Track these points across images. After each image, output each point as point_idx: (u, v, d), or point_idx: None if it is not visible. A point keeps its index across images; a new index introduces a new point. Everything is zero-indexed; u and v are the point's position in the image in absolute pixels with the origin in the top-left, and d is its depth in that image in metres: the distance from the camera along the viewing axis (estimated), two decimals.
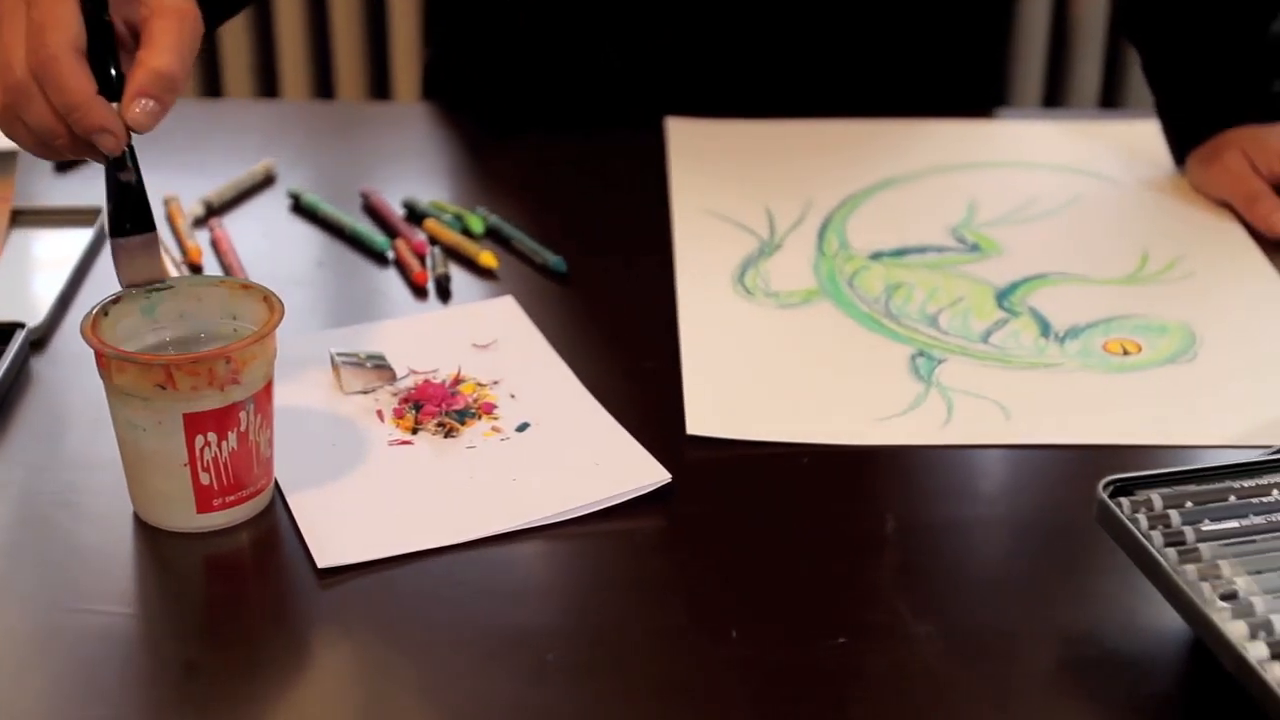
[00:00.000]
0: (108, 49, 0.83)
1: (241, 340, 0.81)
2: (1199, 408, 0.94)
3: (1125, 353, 0.99)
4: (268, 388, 0.83)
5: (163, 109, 0.83)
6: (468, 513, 0.85)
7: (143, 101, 0.82)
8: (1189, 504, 0.78)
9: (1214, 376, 0.97)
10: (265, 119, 1.34)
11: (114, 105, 0.82)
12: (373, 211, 1.17)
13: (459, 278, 1.09)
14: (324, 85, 2.13)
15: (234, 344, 0.81)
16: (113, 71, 0.83)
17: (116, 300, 0.84)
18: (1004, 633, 0.78)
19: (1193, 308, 1.05)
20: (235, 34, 2.07)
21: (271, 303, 0.84)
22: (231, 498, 0.83)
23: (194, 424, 0.81)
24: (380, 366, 0.96)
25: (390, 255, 1.11)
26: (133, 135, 0.83)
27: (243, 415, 0.82)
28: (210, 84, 2.13)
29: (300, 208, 1.18)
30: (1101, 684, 0.75)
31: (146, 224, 0.85)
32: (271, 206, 1.19)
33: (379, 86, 2.13)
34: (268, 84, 2.12)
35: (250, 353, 0.81)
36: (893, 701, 0.74)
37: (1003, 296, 1.05)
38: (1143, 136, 1.28)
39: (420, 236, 1.13)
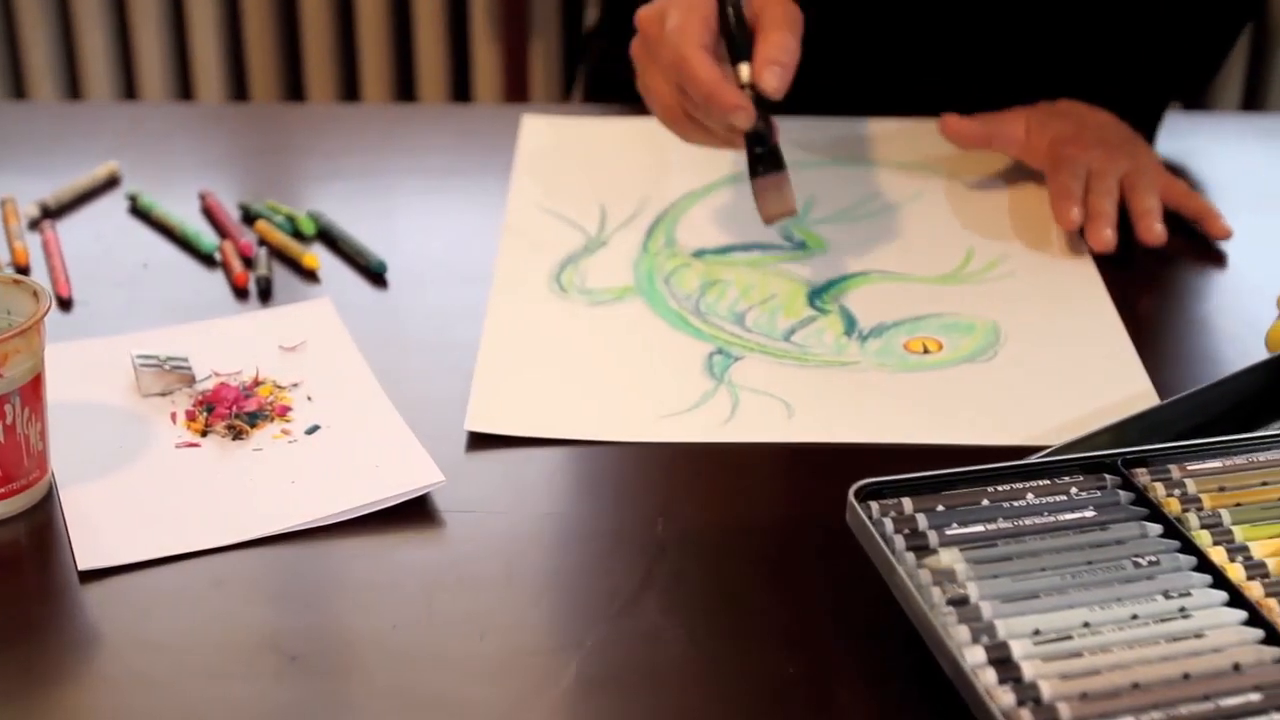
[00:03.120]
0: (744, 44, 0.98)
1: (2, 333, 0.82)
2: (987, 407, 0.94)
3: (925, 351, 0.99)
4: (36, 381, 0.84)
5: (786, 74, 0.96)
6: (239, 516, 0.85)
7: (772, 68, 0.95)
8: (940, 507, 0.78)
9: (1009, 377, 0.97)
10: (120, 121, 1.34)
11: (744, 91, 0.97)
12: (209, 213, 1.17)
13: (283, 280, 1.09)
14: (239, 88, 2.13)
15: None
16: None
17: None
18: (748, 636, 0.78)
19: (1005, 307, 1.04)
20: (148, 34, 2.07)
21: (40, 297, 0.85)
22: (2, 490, 0.84)
23: None
24: (179, 369, 0.96)
25: (218, 257, 1.11)
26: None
27: (8, 409, 0.82)
28: (128, 85, 2.13)
29: (137, 210, 1.18)
30: (838, 689, 0.75)
31: (778, 165, 0.99)
32: (111, 209, 1.19)
33: (294, 89, 2.13)
34: (182, 86, 2.12)
35: (12, 346, 0.81)
36: (624, 702, 0.74)
37: (815, 295, 1.05)
38: None
39: (250, 238, 1.13)
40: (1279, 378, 0.93)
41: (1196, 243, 1.14)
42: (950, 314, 1.03)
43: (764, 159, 1.01)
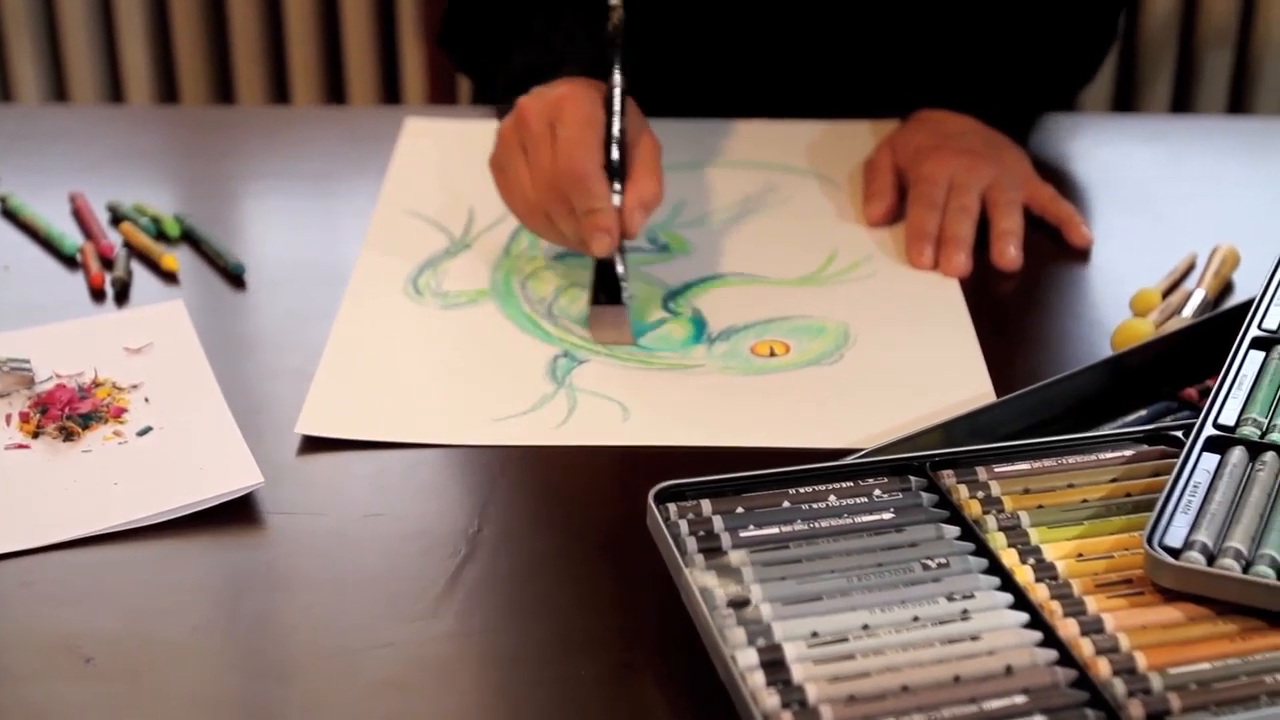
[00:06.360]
0: (620, 169, 1.01)
1: None
2: (826, 410, 0.93)
3: (772, 354, 0.99)
4: None
5: (646, 220, 1.00)
6: (57, 517, 0.85)
7: (640, 212, 0.99)
8: (739, 509, 0.77)
9: (852, 379, 0.96)
10: (7, 122, 1.35)
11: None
12: (78, 215, 1.17)
13: (144, 281, 1.09)
14: (169, 91, 2.12)
15: None
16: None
17: None
18: (548, 637, 0.77)
19: (858, 309, 1.04)
20: (77, 37, 2.07)
21: None
22: None
23: None
24: (19, 370, 0.96)
25: (80, 258, 1.11)
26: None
27: None
28: (58, 88, 2.13)
29: (7, 211, 1.18)
30: (634, 691, 0.74)
31: (616, 298, 0.99)
32: None
33: (223, 92, 2.13)
34: (113, 89, 2.12)
35: None
36: (412, 703, 0.74)
37: (670, 297, 1.05)
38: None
39: (115, 239, 1.13)
40: (1117, 377, 0.93)
41: (1059, 241, 1.13)
42: (802, 316, 1.03)
43: (607, 290, 1.00)
